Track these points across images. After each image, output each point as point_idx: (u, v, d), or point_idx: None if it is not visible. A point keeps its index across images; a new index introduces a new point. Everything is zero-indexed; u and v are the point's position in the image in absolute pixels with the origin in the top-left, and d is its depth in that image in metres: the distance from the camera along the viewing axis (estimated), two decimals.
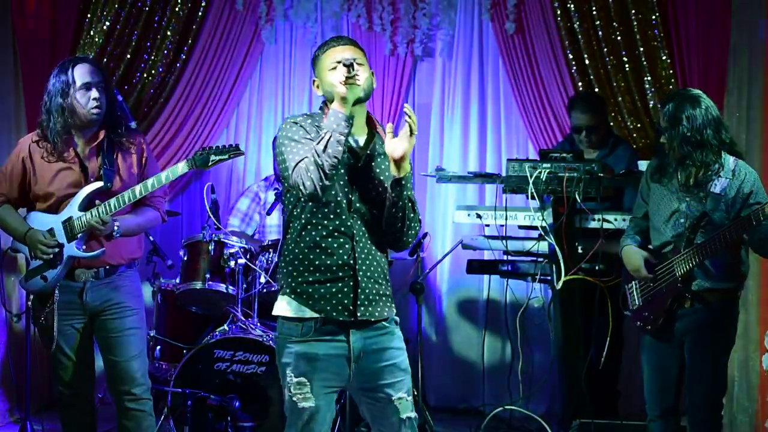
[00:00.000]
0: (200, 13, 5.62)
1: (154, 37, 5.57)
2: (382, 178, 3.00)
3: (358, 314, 2.94)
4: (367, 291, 2.95)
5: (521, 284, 5.17)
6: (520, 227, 4.75)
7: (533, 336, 5.36)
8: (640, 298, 3.83)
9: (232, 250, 4.69)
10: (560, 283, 4.44)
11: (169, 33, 5.56)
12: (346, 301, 2.93)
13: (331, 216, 2.94)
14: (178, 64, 5.63)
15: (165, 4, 5.55)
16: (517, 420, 5.13)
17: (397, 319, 3.08)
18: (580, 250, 4.51)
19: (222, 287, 4.69)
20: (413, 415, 3.02)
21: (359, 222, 2.97)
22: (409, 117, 2.87)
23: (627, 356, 4.99)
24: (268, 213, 5.01)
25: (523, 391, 5.20)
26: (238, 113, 5.94)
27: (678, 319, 3.69)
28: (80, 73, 3.73)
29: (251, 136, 5.95)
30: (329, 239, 2.94)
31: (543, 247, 4.65)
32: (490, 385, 5.50)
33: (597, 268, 4.42)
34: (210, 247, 4.70)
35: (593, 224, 4.53)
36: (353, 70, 2.86)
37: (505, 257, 4.84)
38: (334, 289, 2.93)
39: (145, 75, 5.57)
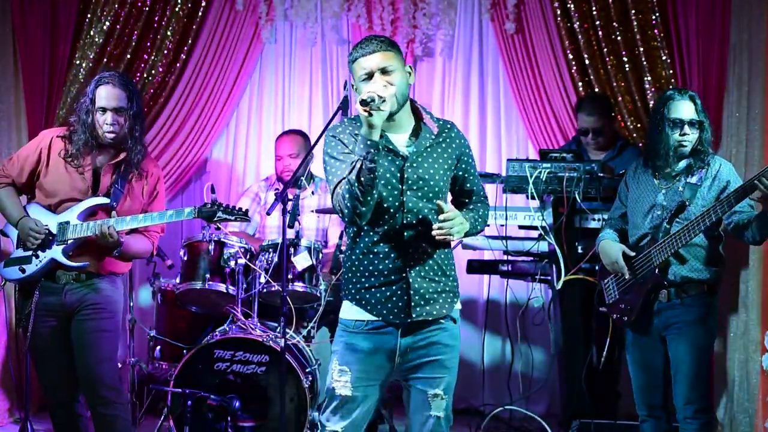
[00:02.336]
0: (200, 13, 5.61)
1: (154, 37, 5.56)
2: (432, 171, 2.99)
3: (414, 315, 2.97)
4: (421, 291, 2.97)
5: (521, 284, 5.17)
6: (520, 227, 4.75)
7: (533, 336, 5.36)
8: (617, 291, 3.85)
9: (232, 250, 4.70)
10: (560, 283, 4.45)
11: (169, 33, 5.55)
12: (401, 304, 2.96)
13: (381, 222, 2.95)
14: (178, 64, 5.62)
15: (165, 4, 5.55)
16: (517, 420, 5.14)
17: (457, 316, 3.07)
18: (580, 250, 4.51)
19: (222, 287, 4.69)
20: (442, 414, 3.02)
21: (414, 221, 2.96)
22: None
23: None
24: (268, 213, 5.00)
25: (523, 391, 5.20)
26: (238, 113, 5.94)
27: (656, 314, 3.72)
28: (100, 95, 3.76)
29: (251, 136, 5.95)
30: (381, 244, 2.97)
31: (543, 247, 4.65)
32: (490, 385, 5.50)
33: (597, 268, 4.42)
34: (210, 247, 4.70)
35: (593, 224, 4.53)
36: (373, 103, 2.79)
37: (505, 257, 4.84)
38: (388, 293, 2.97)
39: (145, 75, 5.56)
